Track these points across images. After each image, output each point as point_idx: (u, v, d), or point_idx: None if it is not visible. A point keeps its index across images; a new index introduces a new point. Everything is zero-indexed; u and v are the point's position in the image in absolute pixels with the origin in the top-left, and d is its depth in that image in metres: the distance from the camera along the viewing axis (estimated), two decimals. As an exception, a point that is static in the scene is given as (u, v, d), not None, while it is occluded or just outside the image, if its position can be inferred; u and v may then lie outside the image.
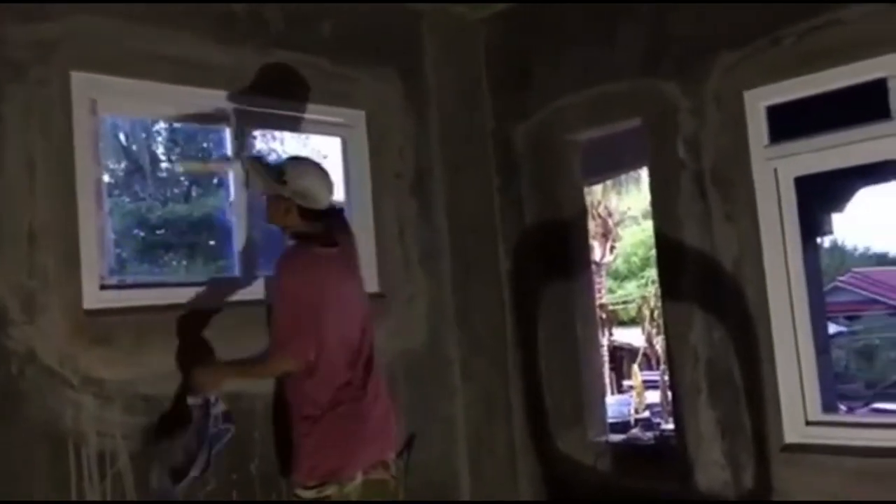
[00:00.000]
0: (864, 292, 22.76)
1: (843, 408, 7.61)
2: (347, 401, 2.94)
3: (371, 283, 3.95)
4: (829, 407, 3.82)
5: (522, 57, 4.46)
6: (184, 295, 3.36)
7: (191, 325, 3.26)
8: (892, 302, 21.24)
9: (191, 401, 2.98)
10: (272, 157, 5.11)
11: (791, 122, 3.69)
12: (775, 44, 3.54)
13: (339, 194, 4.18)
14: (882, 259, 26.54)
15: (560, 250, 4.38)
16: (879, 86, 3.35)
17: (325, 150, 4.47)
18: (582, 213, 4.54)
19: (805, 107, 3.64)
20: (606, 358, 17.27)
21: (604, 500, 4.07)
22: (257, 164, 3.18)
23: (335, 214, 3.17)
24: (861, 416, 5.45)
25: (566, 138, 4.38)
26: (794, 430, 3.53)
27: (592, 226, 17.32)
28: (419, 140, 4.29)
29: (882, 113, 3.34)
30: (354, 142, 4.08)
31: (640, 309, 17.61)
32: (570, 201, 4.42)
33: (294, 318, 2.87)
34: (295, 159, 3.13)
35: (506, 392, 4.46)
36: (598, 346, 4.74)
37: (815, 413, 3.54)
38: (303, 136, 4.56)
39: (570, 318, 4.33)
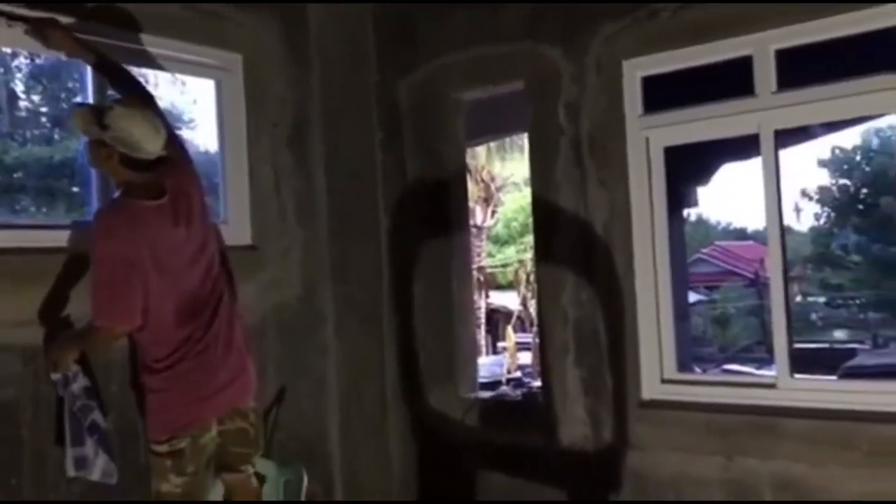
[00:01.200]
0: (723, 264, 24.31)
1: (698, 369, 8.12)
2: (193, 354, 2.85)
3: (243, 235, 3.84)
4: (684, 367, 4.05)
5: (409, 11, 4.39)
6: (39, 239, 3.13)
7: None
8: (747, 274, 22.78)
9: (53, 377, 2.87)
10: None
11: (664, 94, 3.83)
12: (653, 16, 3.64)
13: (212, 141, 4.02)
14: (741, 234, 28.35)
15: (440, 210, 4.39)
16: (746, 63, 3.51)
17: (200, 94, 4.26)
18: (462, 172, 4.55)
19: (679, 79, 3.77)
20: (483, 320, 17.65)
21: (471, 452, 4.17)
22: (82, 107, 2.93)
23: (168, 161, 2.87)
24: (711, 375, 5.80)
25: (451, 96, 4.36)
26: (651, 388, 3.72)
27: (475, 190, 17.51)
28: (299, 89, 4.16)
29: (747, 89, 3.51)
30: (230, 86, 3.90)
31: (516, 273, 18.05)
32: (451, 160, 4.42)
33: (109, 283, 2.70)
34: (120, 103, 2.85)
35: (379, 349, 4.46)
36: (473, 306, 4.81)
37: (671, 372, 3.74)
38: (178, 80, 4.31)
39: (447, 278, 4.36)
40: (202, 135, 5.07)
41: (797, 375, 3.50)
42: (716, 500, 3.46)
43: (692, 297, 20.49)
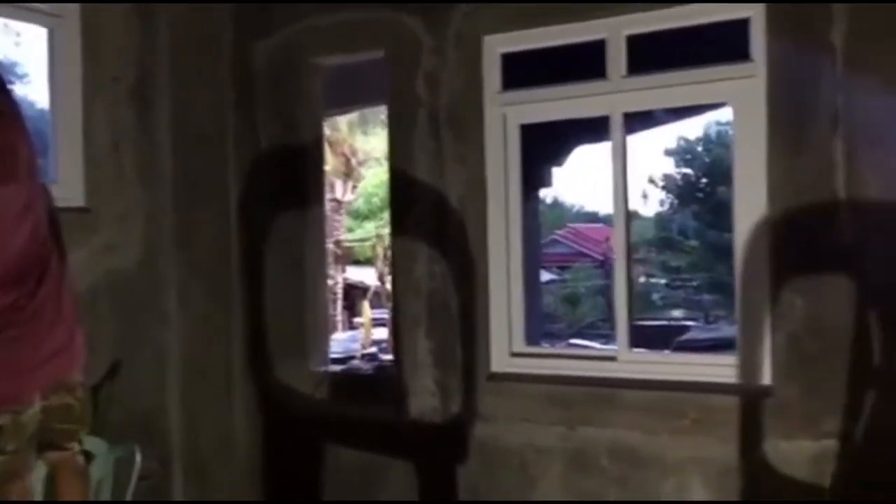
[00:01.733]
0: (575, 245, 25.39)
1: (547, 344, 8.41)
2: (16, 324, 2.61)
3: (75, 196, 3.55)
4: (533, 341, 4.16)
5: (267, -32, 4.21)
6: None
7: None
8: (596, 255, 23.89)
9: None
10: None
11: (524, 71, 3.88)
12: (516, -7, 3.66)
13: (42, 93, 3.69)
14: (594, 217, 29.62)
15: (295, 179, 4.25)
16: (600, 46, 3.61)
17: (35, 45, 3.89)
18: (319, 142, 4.43)
19: (538, 58, 3.83)
20: (340, 295, 17.51)
21: (320, 426, 4.11)
22: None
23: None
24: (557, 349, 6.02)
25: (309, 61, 4.22)
26: (500, 361, 3.80)
27: (336, 164, 17.25)
28: (144, 43, 3.88)
29: (600, 72, 3.61)
30: (64, 35, 3.57)
31: (374, 248, 18.01)
32: (309, 128, 4.29)
33: None
34: None
35: (226, 320, 4.28)
36: (326, 279, 4.71)
37: (520, 345, 3.83)
38: (13, 30, 3.92)
39: (300, 250, 4.24)
40: (37, 89, 4.65)
41: (635, 349, 3.68)
42: (557, 467, 3.58)
43: (546, 276, 21.30)
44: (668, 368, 3.56)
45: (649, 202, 26.55)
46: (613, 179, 3.62)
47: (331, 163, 17.10)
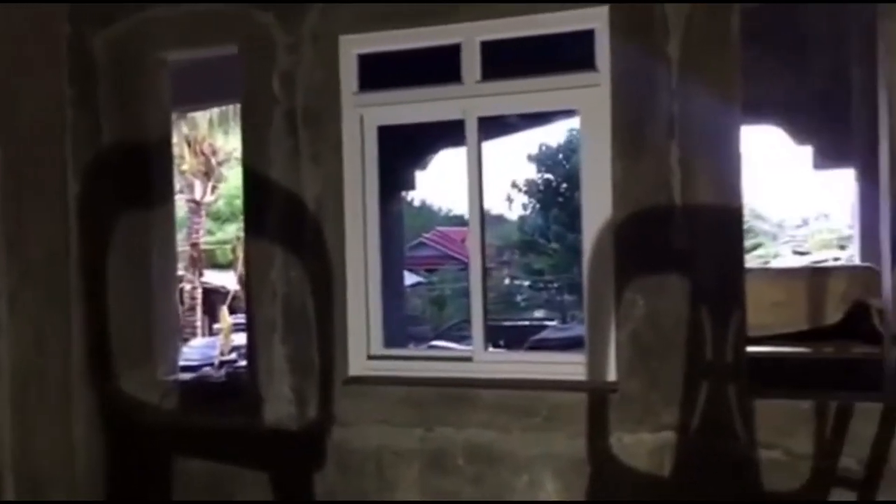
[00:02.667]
0: (442, 248, 25.67)
1: (412, 346, 8.44)
2: None
3: None
4: (393, 343, 4.14)
5: (110, -44, 3.98)
6: None
7: None
8: (462, 258, 24.24)
9: None
10: None
11: (381, 73, 3.86)
12: (371, -7, 3.64)
13: None
14: (461, 220, 30.04)
15: (140, 178, 4.04)
16: (456, 50, 3.65)
17: None
18: (167, 139, 4.23)
19: (395, 60, 3.83)
20: (200, 300, 16.86)
21: (168, 438, 3.92)
22: None
23: None
24: (415, 351, 6.05)
25: (154, 55, 4.03)
26: (357, 364, 3.76)
27: (195, 163, 16.62)
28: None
29: (456, 76, 3.65)
30: None
31: (235, 251, 17.47)
32: (155, 125, 4.09)
33: None
34: None
35: (65, 327, 4.01)
36: (176, 282, 4.51)
37: (378, 348, 3.81)
38: None
39: (147, 252, 4.04)
40: None
41: (491, 349, 3.75)
42: (414, 469, 3.59)
43: (412, 279, 21.40)
44: (521, 368, 3.65)
45: (514, 206, 27.26)
46: (468, 183, 3.68)
47: (189, 162, 16.45)
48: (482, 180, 3.69)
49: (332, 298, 3.75)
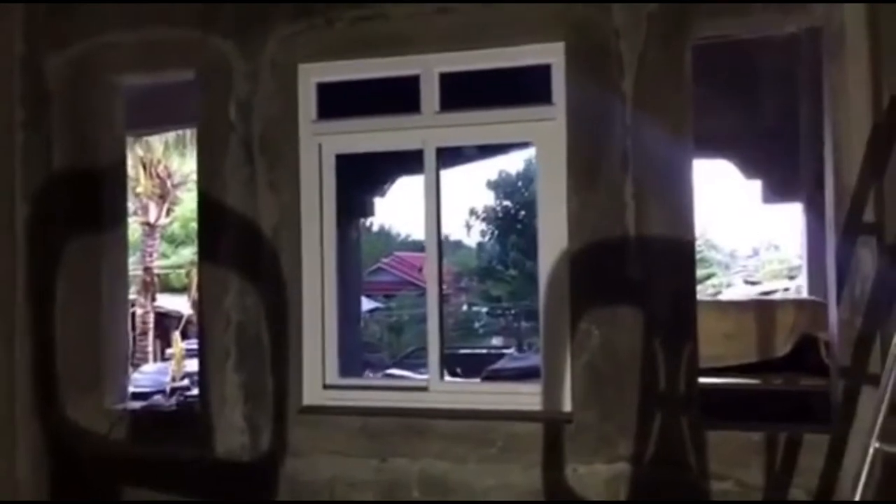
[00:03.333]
0: (400, 274, 25.61)
1: (370, 374, 8.39)
2: None
3: None
4: (348, 372, 4.11)
5: (66, -22, 3.94)
6: None
7: None
8: (421, 284, 24.16)
9: None
10: None
11: (340, 102, 3.87)
12: (329, 24, 3.66)
13: None
14: (419, 246, 30.05)
15: (92, 202, 3.98)
16: (415, 81, 3.68)
17: None
18: (121, 163, 4.18)
19: (354, 89, 3.84)
20: (152, 324, 16.54)
21: (115, 469, 3.82)
22: None
23: None
24: (371, 380, 6.01)
25: (109, 79, 3.98)
26: (312, 393, 3.72)
27: (149, 185, 16.40)
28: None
29: (415, 106, 3.68)
30: None
31: (190, 275, 17.21)
32: (109, 149, 4.04)
33: None
34: None
35: (9, 353, 3.90)
36: (127, 307, 4.42)
37: (333, 377, 3.77)
38: None
39: (97, 276, 3.96)
40: None
41: (447, 378, 3.74)
42: (368, 500, 3.54)
43: (370, 304, 21.28)
44: (477, 398, 3.64)
45: (472, 232, 27.36)
46: (426, 212, 3.69)
47: (144, 184, 16.22)
48: (440, 209, 3.71)
49: (287, 327, 3.71)
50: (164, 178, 16.74)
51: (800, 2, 3.20)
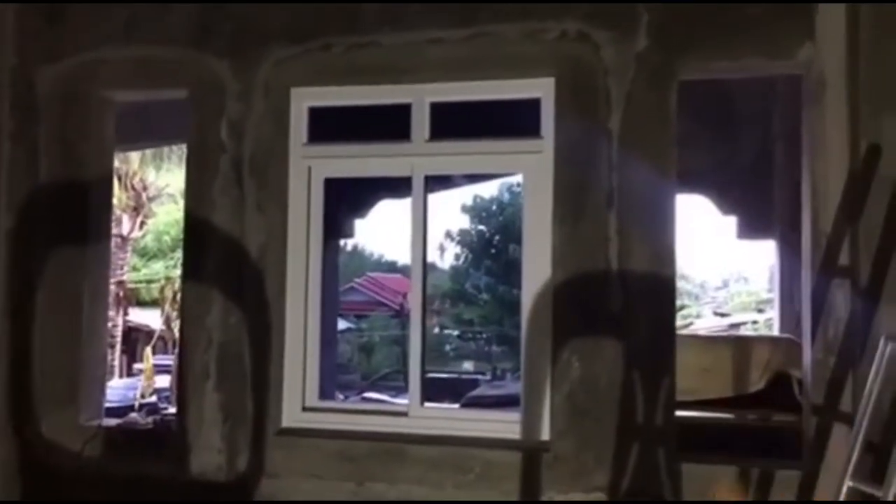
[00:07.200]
0: (373, 294, 25.51)
1: (340, 396, 8.34)
2: None
3: None
4: (326, 394, 4.11)
5: (61, -7, 3.95)
6: None
7: None
8: (393, 305, 24.14)
9: None
10: None
11: (331, 126, 3.91)
12: (326, 49, 3.71)
13: None
14: (392, 266, 30.00)
15: (77, 216, 3.97)
16: (406, 109, 3.73)
17: None
18: (108, 179, 4.17)
19: (345, 114, 3.89)
20: (120, 339, 16.31)
21: (89, 487, 3.77)
22: None
23: None
24: (350, 403, 6.00)
25: (101, 94, 3.99)
26: (291, 416, 3.72)
27: (124, 197, 16.26)
28: None
29: (405, 134, 3.73)
30: None
31: (163, 289, 17.02)
32: (96, 164, 4.03)
33: None
34: None
35: (-15, 368, 3.85)
36: (105, 323, 4.39)
37: (313, 400, 3.77)
38: None
39: (78, 291, 3.94)
40: None
41: (427, 404, 3.76)
42: (344, 525, 3.54)
43: (341, 324, 21.15)
44: (457, 425, 3.67)
45: (446, 255, 27.42)
46: (412, 238, 3.73)
47: (118, 196, 16.07)
48: (426, 236, 3.75)
49: (269, 348, 3.71)
50: (140, 191, 16.61)
51: (785, 48, 3.30)
